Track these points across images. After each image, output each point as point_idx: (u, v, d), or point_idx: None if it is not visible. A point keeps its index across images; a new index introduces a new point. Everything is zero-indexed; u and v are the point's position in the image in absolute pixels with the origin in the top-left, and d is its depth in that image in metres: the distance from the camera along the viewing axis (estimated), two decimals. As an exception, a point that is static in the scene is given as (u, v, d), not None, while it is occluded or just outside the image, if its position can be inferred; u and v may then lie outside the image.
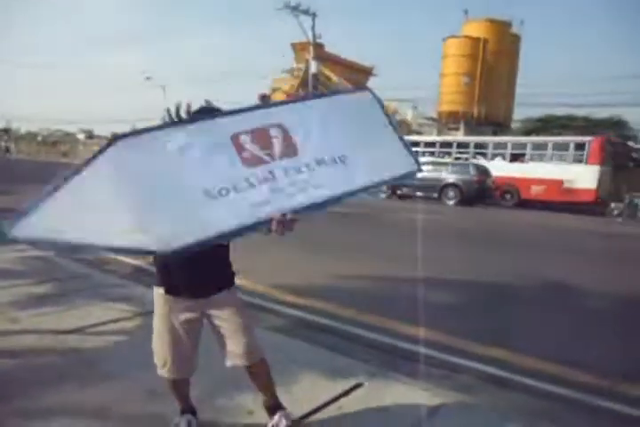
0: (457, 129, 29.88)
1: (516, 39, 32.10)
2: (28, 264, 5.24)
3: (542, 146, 18.63)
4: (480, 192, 17.10)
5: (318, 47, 33.13)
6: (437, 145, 20.97)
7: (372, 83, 39.83)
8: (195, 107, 2.02)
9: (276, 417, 2.29)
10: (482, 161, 19.11)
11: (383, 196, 18.57)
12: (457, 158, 19.85)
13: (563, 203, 17.34)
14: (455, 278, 6.03)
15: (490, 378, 3.30)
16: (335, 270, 6.09)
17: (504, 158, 19.16)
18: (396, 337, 3.89)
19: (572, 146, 17.64)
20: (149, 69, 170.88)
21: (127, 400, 2.51)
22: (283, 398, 2.69)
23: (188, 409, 2.33)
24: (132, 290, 4.59)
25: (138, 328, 3.61)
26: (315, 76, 32.62)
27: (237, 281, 5.03)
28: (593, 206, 17.21)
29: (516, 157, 18.93)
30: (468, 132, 27.71)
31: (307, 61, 33.71)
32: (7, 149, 52.91)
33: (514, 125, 32.85)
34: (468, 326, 4.34)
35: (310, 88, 32.67)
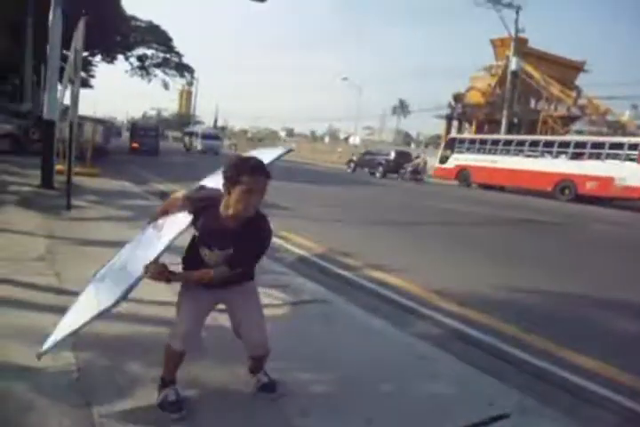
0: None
1: None
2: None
3: (600, 145, 19.43)
4: (395, 167, 26.38)
5: (520, 42, 30.87)
6: (514, 142, 23.21)
7: (582, 79, 35.78)
8: None
9: (260, 375, 2.52)
10: (546, 158, 21.09)
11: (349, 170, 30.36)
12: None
13: (614, 198, 18.77)
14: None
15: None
16: (504, 280, 5.52)
17: (566, 156, 20.54)
18: (562, 366, 3.31)
19: (626, 146, 18.40)
20: (347, 69, 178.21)
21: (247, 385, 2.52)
22: (411, 414, 2.46)
23: (173, 381, 2.37)
24: (292, 279, 4.71)
25: (282, 317, 3.66)
26: (515, 73, 30.50)
27: (393, 279, 4.81)
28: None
29: (577, 156, 20.09)
30: None
31: (507, 58, 31.64)
32: (235, 146, 59.11)
33: None
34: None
35: (508, 86, 30.65)
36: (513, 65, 30.01)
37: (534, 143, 22.24)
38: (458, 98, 38.26)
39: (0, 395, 2.25)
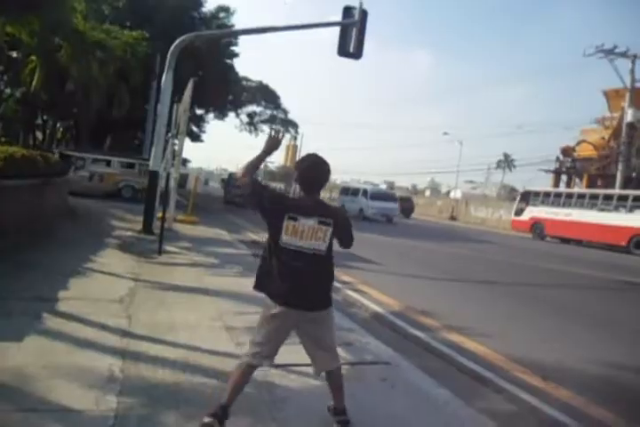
0: None
1: None
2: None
3: None
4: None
5: (638, 93, 28.96)
6: (587, 196, 23.37)
7: None
8: None
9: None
10: (620, 213, 20.70)
11: None
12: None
13: None
14: None
15: None
16: (601, 355, 4.83)
17: None
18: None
19: None
20: (448, 124, 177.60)
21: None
22: None
23: (225, 410, 2.48)
24: (359, 337, 4.48)
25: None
26: (631, 125, 28.47)
27: (472, 344, 4.39)
28: None
29: None
30: None
31: (622, 109, 29.75)
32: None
33: None
34: None
35: (624, 139, 28.61)
36: (629, 117, 28.10)
37: (608, 197, 22.15)
38: (567, 152, 36.27)
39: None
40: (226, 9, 27.34)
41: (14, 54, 18.96)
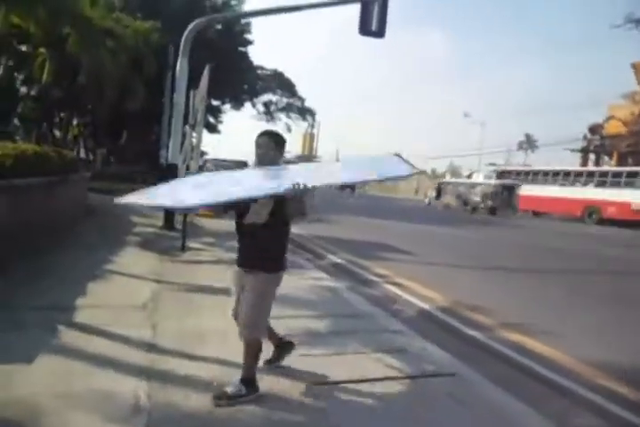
0: None
1: None
2: (317, 294, 5.25)
3: (619, 174, 22.99)
4: None
5: (671, 64, 27.64)
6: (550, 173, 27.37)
7: None
8: None
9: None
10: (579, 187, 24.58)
11: None
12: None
13: (633, 221, 21.09)
14: None
15: None
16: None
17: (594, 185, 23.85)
18: None
19: None
20: (468, 105, 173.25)
21: None
22: None
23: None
24: (411, 341, 3.98)
25: (400, 397, 2.94)
26: (663, 98, 27.20)
27: (535, 344, 3.82)
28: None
29: (602, 184, 23.47)
30: None
31: (653, 83, 28.45)
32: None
33: None
34: None
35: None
36: (661, 90, 26.84)
37: (567, 173, 26.27)
38: (595, 129, 35.06)
39: None
40: (237, -4, 26.73)
41: (24, 48, 18.57)
